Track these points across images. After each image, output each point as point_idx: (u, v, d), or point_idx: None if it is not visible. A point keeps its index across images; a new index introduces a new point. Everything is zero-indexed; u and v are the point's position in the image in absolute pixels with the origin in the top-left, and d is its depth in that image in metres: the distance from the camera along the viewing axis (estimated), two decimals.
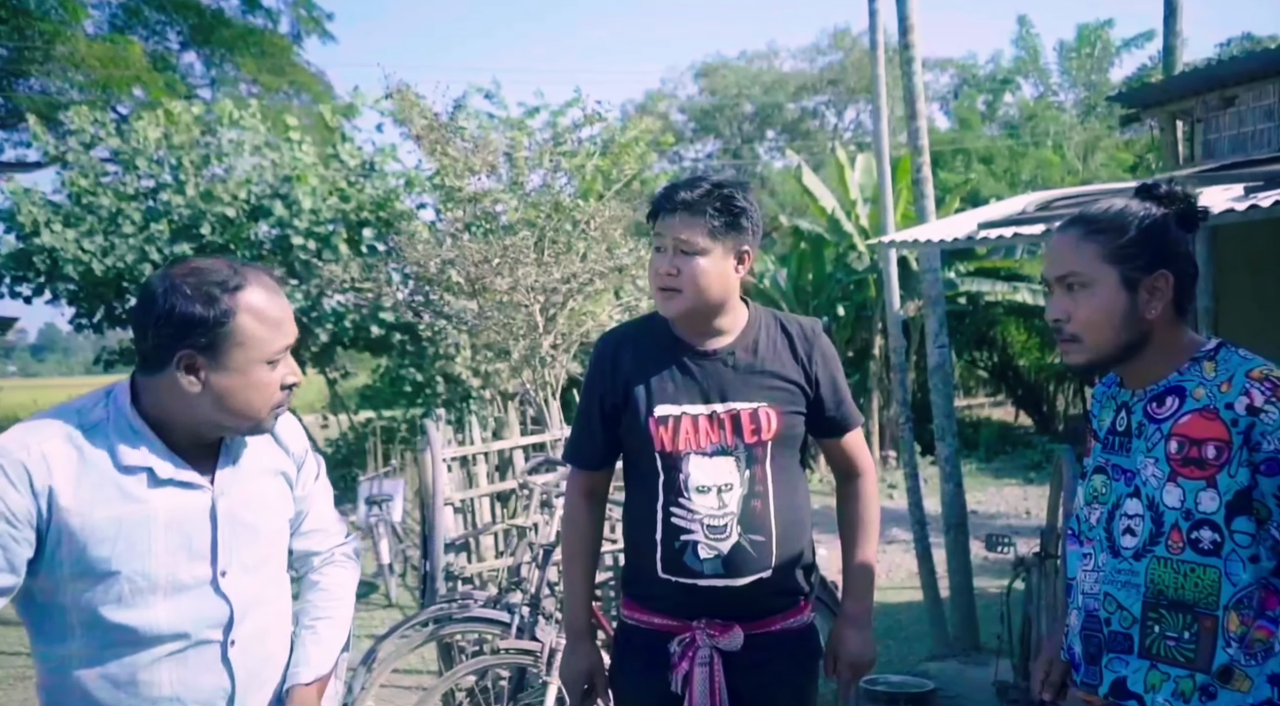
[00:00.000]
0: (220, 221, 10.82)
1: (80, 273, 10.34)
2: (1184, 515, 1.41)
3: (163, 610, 1.37)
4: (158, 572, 1.36)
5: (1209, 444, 1.41)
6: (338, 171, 11.72)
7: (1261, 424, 1.38)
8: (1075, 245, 1.50)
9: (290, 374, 1.42)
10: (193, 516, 1.40)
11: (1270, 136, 4.47)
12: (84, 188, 10.57)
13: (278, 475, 1.53)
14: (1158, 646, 1.43)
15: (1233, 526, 1.39)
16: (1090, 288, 1.47)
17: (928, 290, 5.12)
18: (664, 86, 32.08)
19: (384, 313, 11.77)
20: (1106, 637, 1.48)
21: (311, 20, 19.14)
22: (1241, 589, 1.39)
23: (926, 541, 5.21)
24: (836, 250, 13.84)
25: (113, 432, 1.38)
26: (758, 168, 29.46)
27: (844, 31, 30.26)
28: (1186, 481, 1.42)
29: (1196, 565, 1.40)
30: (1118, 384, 1.59)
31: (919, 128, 5.09)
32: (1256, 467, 1.39)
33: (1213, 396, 1.44)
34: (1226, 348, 1.50)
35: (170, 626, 1.37)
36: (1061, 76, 20.72)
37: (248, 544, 1.44)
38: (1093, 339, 1.49)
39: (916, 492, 5.24)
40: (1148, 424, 1.49)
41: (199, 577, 1.39)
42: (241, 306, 1.37)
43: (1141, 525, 1.45)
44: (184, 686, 1.39)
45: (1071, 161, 17.94)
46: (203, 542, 1.40)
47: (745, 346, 1.90)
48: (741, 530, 1.83)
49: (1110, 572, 1.48)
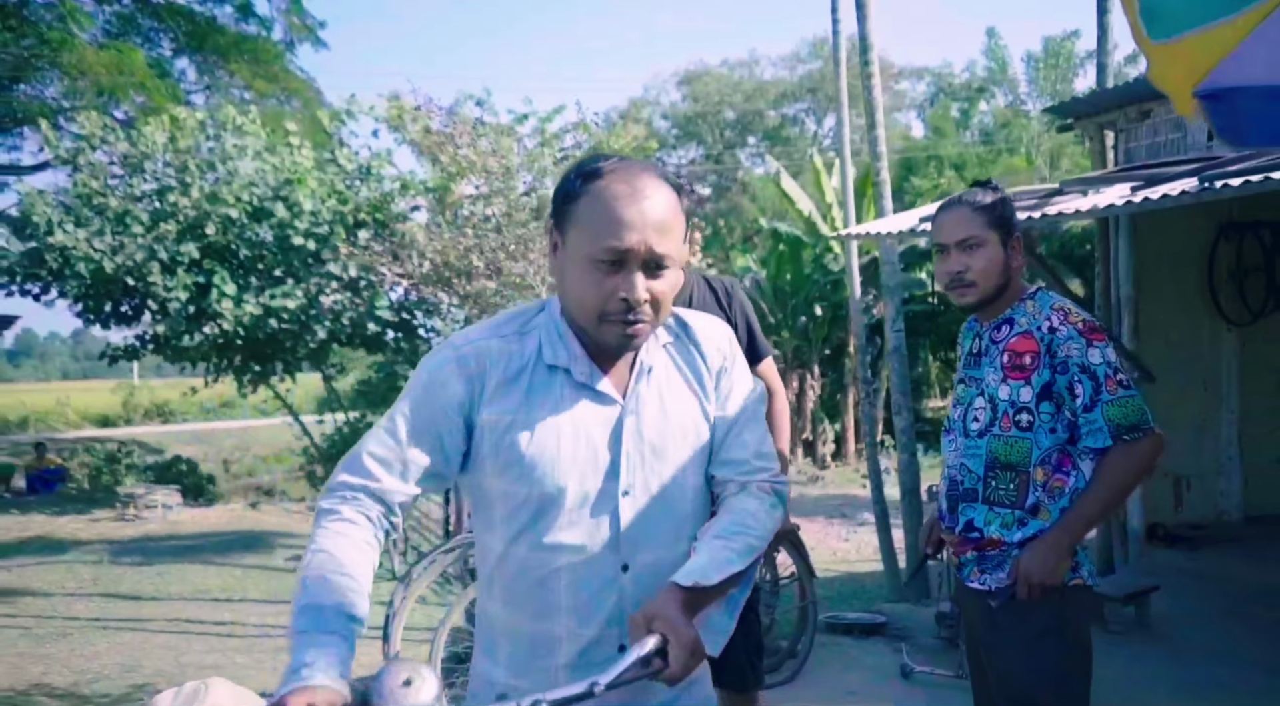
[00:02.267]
0: (224, 222, 11.33)
1: (91, 270, 10.80)
2: (1010, 405, 2.02)
3: (565, 519, 1.36)
4: (564, 480, 1.35)
5: (1027, 355, 2.02)
6: (335, 175, 12.24)
7: (1057, 339, 1.99)
8: (969, 217, 2.10)
9: (632, 289, 1.29)
10: (601, 429, 1.37)
11: (1179, 145, 5.10)
12: (94, 190, 11.06)
13: (694, 397, 1.45)
14: (993, 495, 2.04)
15: (1039, 409, 2.00)
16: (984, 246, 2.07)
17: (886, 280, 5.73)
18: (647, 93, 32.67)
19: (380, 310, 12.28)
20: (961, 493, 2.09)
21: (304, 28, 19.60)
22: (1044, 452, 2.00)
23: (886, 519, 5.87)
24: (814, 252, 14.48)
25: (543, 336, 1.39)
26: (739, 173, 30.09)
27: (823, 41, 30.91)
28: (1013, 382, 2.03)
29: (1018, 439, 2.02)
30: (976, 321, 2.19)
31: (878, 136, 5.71)
32: (1054, 368, 1.99)
33: (1030, 323, 2.05)
34: (1042, 291, 2.11)
35: (569, 537, 1.36)
36: (1030, 86, 21.48)
37: (653, 466, 1.39)
38: (984, 284, 2.08)
39: (877, 475, 5.86)
40: (991, 345, 2.10)
41: (601, 492, 1.37)
42: (593, 190, 1.31)
43: (984, 415, 2.06)
44: (577, 602, 1.37)
45: (1039, 167, 18.68)
46: (607, 458, 1.37)
47: (683, 299, 2.51)
48: None
49: (964, 449, 2.09)
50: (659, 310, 1.32)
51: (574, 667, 1.36)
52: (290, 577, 7.91)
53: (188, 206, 11.15)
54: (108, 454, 16.81)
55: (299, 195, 11.56)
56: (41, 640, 5.97)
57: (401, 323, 13.01)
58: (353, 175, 12.51)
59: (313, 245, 11.65)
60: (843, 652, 4.42)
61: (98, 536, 9.89)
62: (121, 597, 7.29)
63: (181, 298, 11.09)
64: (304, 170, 11.92)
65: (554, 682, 1.30)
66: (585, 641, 1.37)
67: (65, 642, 5.89)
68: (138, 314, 12.04)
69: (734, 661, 2.54)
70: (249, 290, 11.53)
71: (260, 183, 11.58)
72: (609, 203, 1.29)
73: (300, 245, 11.53)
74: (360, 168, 12.55)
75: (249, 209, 11.51)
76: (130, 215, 11.07)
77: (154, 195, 11.36)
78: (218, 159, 11.60)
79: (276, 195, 11.57)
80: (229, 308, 11.24)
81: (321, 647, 1.18)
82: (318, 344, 12.55)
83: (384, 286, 11.48)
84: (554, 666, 1.37)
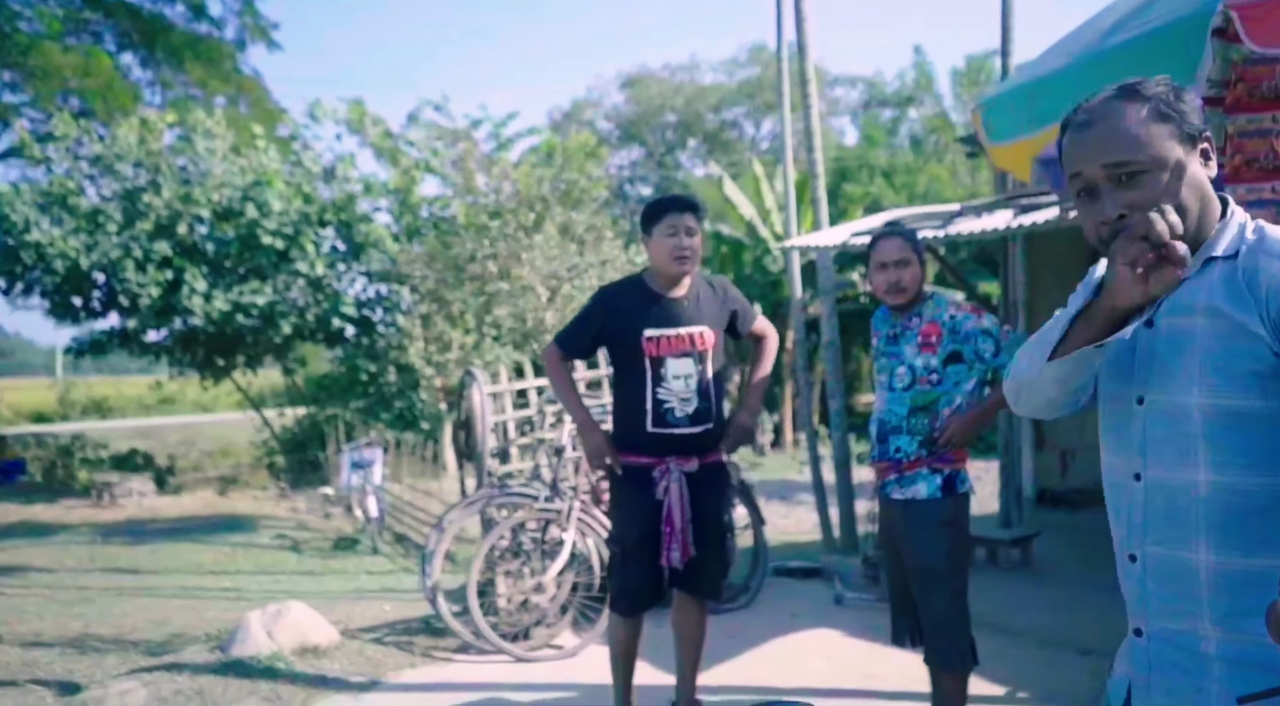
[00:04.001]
0: (196, 221, 11.83)
1: (67, 267, 11.23)
2: (925, 369, 2.95)
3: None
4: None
5: (933, 335, 2.95)
6: (303, 177, 12.79)
7: (956, 321, 2.93)
8: (902, 245, 2.99)
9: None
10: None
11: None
12: (70, 189, 11.48)
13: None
14: (912, 429, 2.95)
15: (945, 372, 2.94)
16: (911, 264, 2.97)
17: (823, 283, 6.67)
18: (590, 94, 33.38)
19: (345, 306, 12.88)
20: (890, 429, 2.99)
21: (258, 29, 19.95)
22: (949, 398, 2.95)
23: (823, 490, 6.75)
24: (754, 254, 15.46)
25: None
26: (679, 175, 31.03)
27: (761, 47, 32.01)
28: (925, 354, 2.96)
29: (929, 391, 2.95)
30: (889, 313, 3.08)
31: (816, 159, 6.63)
32: (958, 341, 2.92)
33: (933, 314, 2.98)
34: (936, 294, 3.05)
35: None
36: (954, 99, 22.86)
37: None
38: (910, 289, 2.98)
39: (816, 465, 6.72)
40: (907, 330, 3.01)
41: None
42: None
43: (907, 377, 2.98)
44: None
45: (962, 176, 20.00)
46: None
47: (693, 296, 3.32)
48: (698, 399, 3.25)
49: (891, 400, 3.00)
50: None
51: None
52: (278, 555, 8.58)
53: (160, 206, 11.62)
54: (60, 447, 17.00)
55: (268, 195, 12.09)
56: (68, 604, 6.55)
57: (362, 319, 13.59)
58: (317, 176, 13.09)
59: (280, 244, 12.20)
60: (787, 589, 5.35)
61: (81, 521, 10.36)
62: (123, 572, 7.87)
63: (154, 293, 11.56)
64: (272, 171, 12.46)
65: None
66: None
67: (92, 606, 6.48)
68: (106, 309, 12.45)
69: (707, 574, 3.41)
70: (219, 286, 12.05)
71: (230, 184, 12.08)
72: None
73: (269, 244, 12.07)
74: (325, 170, 13.13)
75: (219, 209, 12.01)
76: (103, 214, 11.51)
77: (126, 195, 11.79)
78: (189, 161, 12.09)
79: (246, 195, 12.08)
80: (199, 303, 11.74)
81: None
82: (282, 339, 13.05)
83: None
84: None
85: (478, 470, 4.48)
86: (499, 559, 4.39)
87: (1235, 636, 1.25)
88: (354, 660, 4.23)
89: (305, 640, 4.22)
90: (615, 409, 3.39)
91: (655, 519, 3.24)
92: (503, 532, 4.24)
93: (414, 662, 4.25)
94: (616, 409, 3.38)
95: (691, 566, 3.29)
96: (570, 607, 4.43)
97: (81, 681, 4.01)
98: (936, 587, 2.91)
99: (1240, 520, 1.25)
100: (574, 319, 3.48)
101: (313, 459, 13.67)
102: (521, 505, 4.22)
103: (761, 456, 15.44)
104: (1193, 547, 1.28)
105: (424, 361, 12.44)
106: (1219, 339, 1.25)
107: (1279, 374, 1.22)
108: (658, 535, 3.25)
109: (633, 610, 3.36)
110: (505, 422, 4.60)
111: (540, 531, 4.32)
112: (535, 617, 4.38)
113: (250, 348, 13.45)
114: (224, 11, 19.46)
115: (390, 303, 13.68)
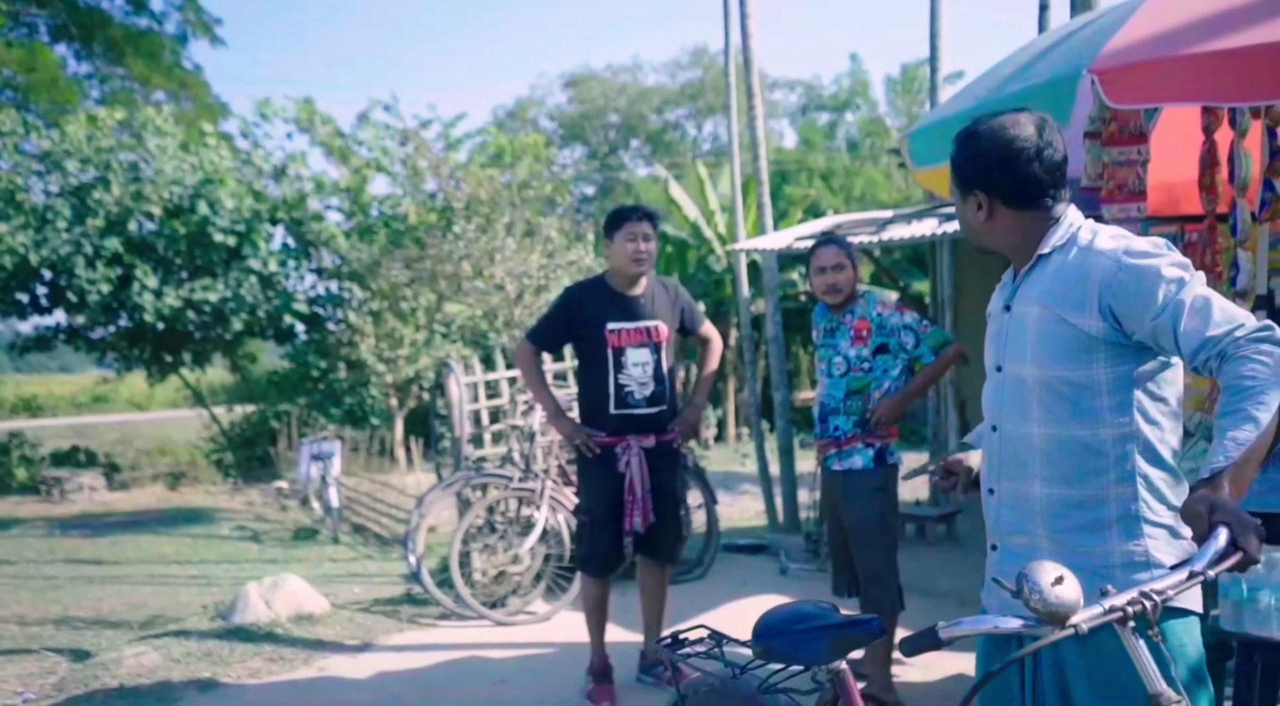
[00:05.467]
0: (147, 218, 11.89)
1: (15, 263, 11.21)
2: (857, 358, 3.42)
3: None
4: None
5: (864, 330, 3.42)
6: (253, 174, 12.89)
7: (883, 317, 3.40)
8: (838, 252, 3.47)
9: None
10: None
11: None
12: (16, 185, 11.45)
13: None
14: (848, 410, 3.42)
15: (875, 361, 3.42)
16: (846, 268, 3.45)
17: (767, 283, 7.16)
18: (534, 93, 33.54)
19: (296, 303, 13.02)
20: (829, 411, 3.46)
21: (200, 24, 19.81)
22: (879, 383, 3.41)
23: (770, 489, 7.19)
24: (698, 254, 15.94)
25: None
26: (623, 176, 31.44)
27: (702, 50, 32.55)
28: (857, 346, 3.42)
29: (862, 377, 3.42)
30: (828, 309, 3.55)
31: (761, 166, 7.11)
32: (885, 335, 3.39)
33: (864, 311, 3.45)
34: (868, 293, 3.52)
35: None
36: (889, 106, 23.68)
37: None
38: (845, 290, 3.45)
39: (762, 452, 7.18)
40: (841, 325, 3.48)
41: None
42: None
43: (843, 366, 3.44)
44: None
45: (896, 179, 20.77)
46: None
47: (649, 294, 3.75)
48: (654, 383, 3.69)
49: (830, 386, 3.47)
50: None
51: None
52: (240, 545, 8.78)
53: (110, 203, 11.65)
54: None
55: (220, 193, 12.18)
56: (40, 591, 6.73)
57: (312, 316, 13.73)
58: (268, 175, 13.19)
59: (232, 241, 12.31)
60: (737, 562, 5.83)
61: (34, 515, 10.40)
62: (87, 563, 8.02)
63: (104, 290, 11.59)
64: (223, 169, 12.55)
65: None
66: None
67: (66, 592, 6.68)
68: (53, 306, 12.41)
69: (665, 539, 3.86)
70: (170, 283, 12.11)
71: (180, 181, 12.14)
72: None
73: (220, 241, 12.17)
74: (276, 168, 13.24)
75: (170, 206, 12.07)
76: (52, 210, 11.51)
77: (74, 191, 11.78)
78: (139, 158, 12.11)
79: (197, 192, 12.15)
80: (150, 300, 11.80)
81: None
82: (233, 336, 13.13)
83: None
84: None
85: (454, 454, 4.86)
86: (475, 535, 4.78)
87: (1061, 547, 1.68)
88: (346, 627, 4.58)
89: (300, 608, 4.57)
90: (581, 394, 3.82)
91: (619, 490, 3.68)
92: (479, 510, 4.63)
93: (401, 628, 4.62)
94: (582, 394, 3.81)
95: (651, 533, 3.74)
96: (544, 577, 4.84)
97: (90, 649, 4.29)
98: (871, 543, 3.41)
99: (1061, 461, 1.68)
100: (544, 316, 3.91)
101: (262, 454, 13.78)
102: (496, 485, 4.61)
103: (706, 449, 15.93)
104: (1030, 482, 1.72)
105: (375, 357, 12.65)
106: (1044, 324, 1.68)
107: (1088, 351, 1.65)
108: (621, 504, 3.69)
109: (602, 571, 3.79)
110: (479, 411, 4.98)
111: (515, 509, 4.72)
112: (510, 587, 4.79)
113: (199, 344, 13.50)
114: (165, 6, 19.20)
115: (340, 300, 13.84)
